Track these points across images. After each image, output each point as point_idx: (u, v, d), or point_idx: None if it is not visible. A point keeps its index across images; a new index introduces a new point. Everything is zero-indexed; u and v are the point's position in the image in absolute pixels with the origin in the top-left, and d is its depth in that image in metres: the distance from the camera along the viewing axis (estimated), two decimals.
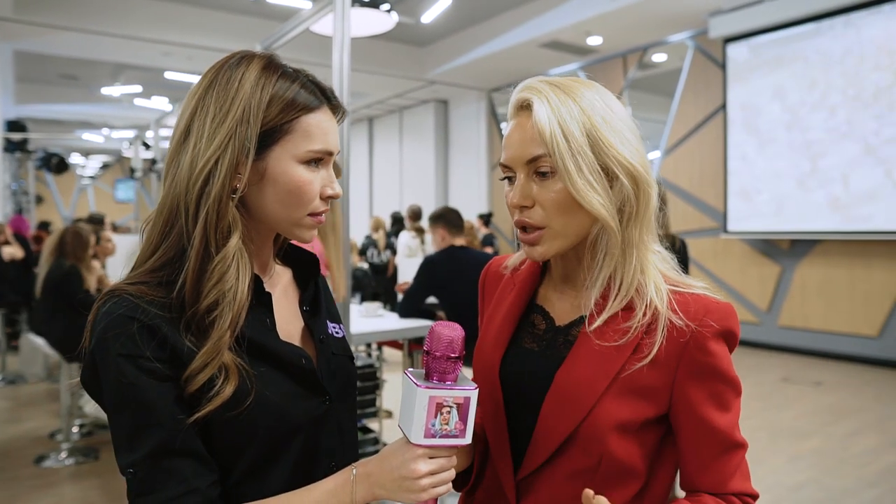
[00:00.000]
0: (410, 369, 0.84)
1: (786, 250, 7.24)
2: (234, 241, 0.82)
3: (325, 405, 0.91)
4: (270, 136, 0.84)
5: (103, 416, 4.06)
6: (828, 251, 6.88)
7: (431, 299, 3.81)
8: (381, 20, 3.63)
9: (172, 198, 0.83)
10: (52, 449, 4.10)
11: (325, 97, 0.89)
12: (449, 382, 0.81)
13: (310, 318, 0.97)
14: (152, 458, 0.76)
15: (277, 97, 0.84)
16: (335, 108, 0.90)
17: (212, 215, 0.80)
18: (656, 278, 0.90)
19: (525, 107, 0.90)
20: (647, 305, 0.88)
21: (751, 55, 7.24)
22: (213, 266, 0.80)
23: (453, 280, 3.61)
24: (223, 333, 0.79)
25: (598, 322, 0.89)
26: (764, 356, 6.99)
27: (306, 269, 1.01)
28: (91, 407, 4.31)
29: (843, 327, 6.74)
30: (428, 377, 0.82)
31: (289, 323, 0.94)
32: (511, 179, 0.92)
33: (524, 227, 0.91)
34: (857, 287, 6.65)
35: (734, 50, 7.38)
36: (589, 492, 0.83)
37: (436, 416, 0.79)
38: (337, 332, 1.00)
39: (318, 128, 0.86)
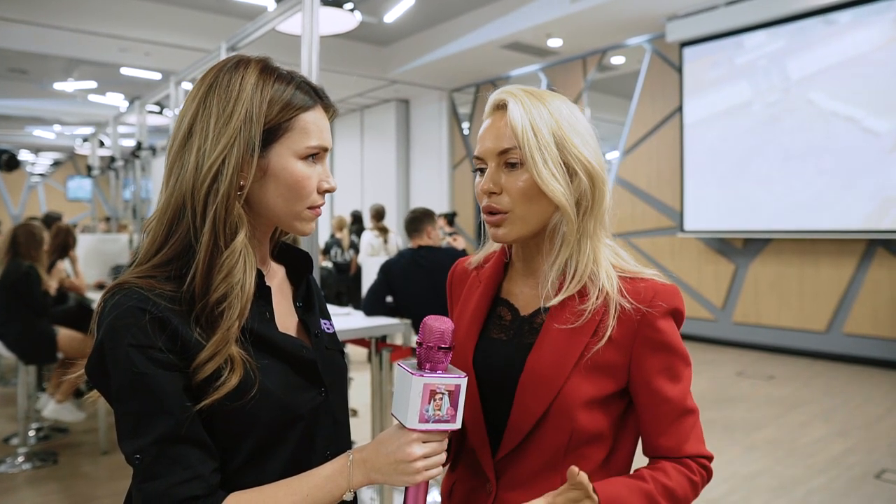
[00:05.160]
0: (402, 360, 0.89)
1: (740, 249, 7.46)
2: (242, 236, 0.86)
3: (322, 396, 0.94)
4: (272, 134, 0.88)
5: (62, 418, 3.95)
6: (779, 250, 7.12)
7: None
8: (345, 19, 3.61)
9: (178, 197, 0.85)
10: (8, 454, 3.99)
11: (319, 97, 0.93)
12: (440, 371, 0.86)
13: (304, 314, 1.01)
14: (159, 444, 0.78)
15: (276, 98, 0.88)
16: (327, 107, 0.95)
17: (220, 212, 0.84)
18: (607, 268, 0.99)
19: (501, 107, 1.01)
20: (599, 290, 0.97)
21: (706, 59, 7.45)
22: (222, 260, 0.84)
23: (404, 281, 3.69)
24: (232, 324, 0.83)
25: (554, 301, 0.98)
26: (719, 351, 7.19)
27: (299, 267, 1.04)
28: (49, 410, 4.20)
29: (794, 323, 6.98)
30: (420, 367, 0.87)
31: (285, 317, 0.97)
32: (482, 172, 1.01)
33: (491, 212, 1.00)
34: (806, 284, 6.90)
35: (690, 53, 7.58)
36: (574, 469, 0.88)
37: (429, 403, 0.84)
38: (328, 328, 1.04)
39: (315, 125, 0.91)
